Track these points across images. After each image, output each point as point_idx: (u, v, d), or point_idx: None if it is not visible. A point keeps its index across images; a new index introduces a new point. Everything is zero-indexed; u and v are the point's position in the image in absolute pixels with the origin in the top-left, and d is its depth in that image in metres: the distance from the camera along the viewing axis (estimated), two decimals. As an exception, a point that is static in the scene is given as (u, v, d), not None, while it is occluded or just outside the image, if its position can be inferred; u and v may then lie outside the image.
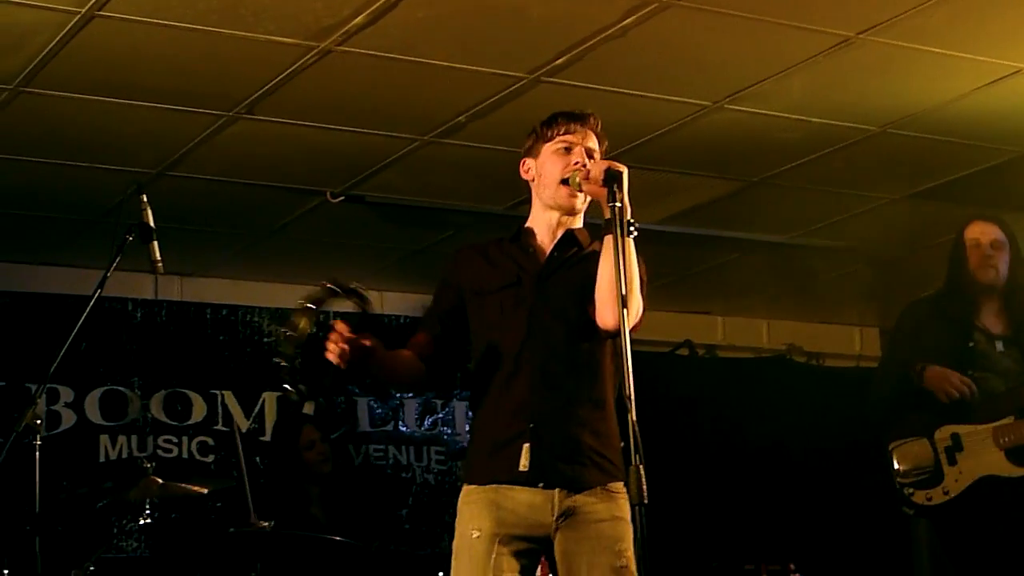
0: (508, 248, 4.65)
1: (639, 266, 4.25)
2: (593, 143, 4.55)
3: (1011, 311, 5.85)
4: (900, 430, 5.77)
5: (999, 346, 5.82)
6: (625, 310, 3.96)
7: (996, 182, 7.42)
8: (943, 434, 5.68)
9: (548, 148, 4.55)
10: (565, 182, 4.39)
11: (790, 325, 10.11)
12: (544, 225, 4.61)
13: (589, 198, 4.52)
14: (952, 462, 5.62)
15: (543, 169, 4.56)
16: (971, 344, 5.78)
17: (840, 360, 10.03)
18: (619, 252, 3.97)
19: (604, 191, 4.13)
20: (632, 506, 3.99)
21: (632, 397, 3.85)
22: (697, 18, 5.70)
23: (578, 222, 4.62)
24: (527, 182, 4.68)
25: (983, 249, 5.82)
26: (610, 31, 5.76)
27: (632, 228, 4.14)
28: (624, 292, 3.96)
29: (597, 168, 4.20)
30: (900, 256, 8.35)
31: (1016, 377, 5.76)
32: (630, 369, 3.90)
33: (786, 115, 6.74)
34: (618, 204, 4.07)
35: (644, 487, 3.88)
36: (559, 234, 4.59)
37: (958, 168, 7.42)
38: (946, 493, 5.63)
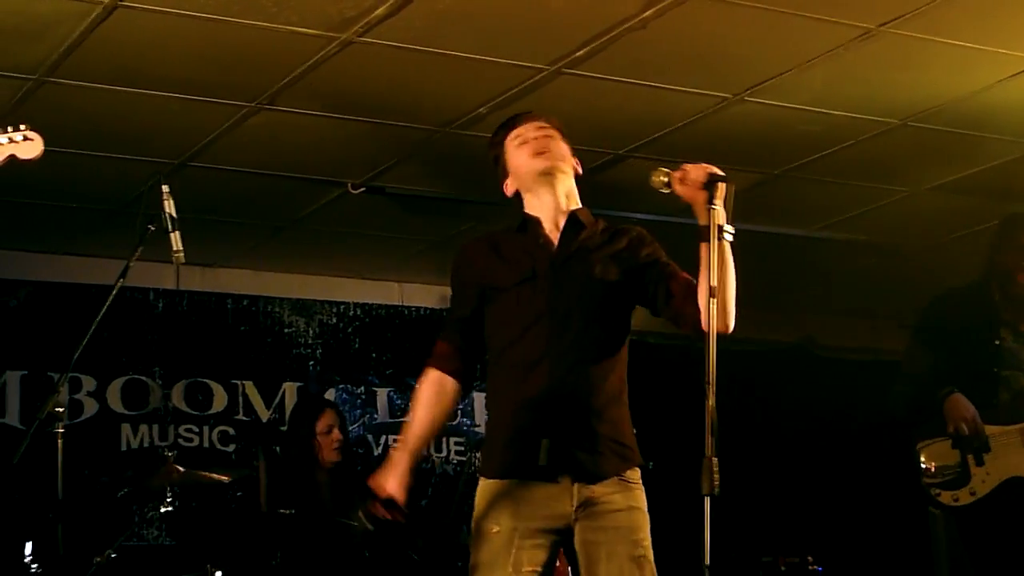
0: (517, 239, 4.65)
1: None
2: (542, 124, 4.61)
3: None
4: (928, 430, 5.75)
5: None
6: (718, 310, 4.05)
7: (1012, 177, 7.41)
8: None
9: (508, 146, 4.61)
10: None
11: (806, 318, 10.11)
12: (547, 212, 4.59)
13: (569, 168, 4.58)
14: (980, 463, 5.61)
15: (514, 164, 4.59)
16: (997, 342, 5.77)
17: (858, 354, 10.04)
18: (720, 260, 4.07)
19: (703, 195, 4.11)
20: (702, 495, 3.98)
21: (713, 384, 3.91)
22: (717, 10, 5.71)
23: (576, 200, 4.62)
24: (518, 198, 4.67)
25: None
26: (631, 23, 5.75)
27: (728, 233, 4.16)
28: (714, 293, 4.02)
29: (699, 171, 4.16)
30: (920, 249, 8.33)
31: None
32: (714, 365, 3.95)
33: (807, 108, 6.73)
34: (717, 207, 4.08)
35: (716, 479, 3.93)
36: (563, 220, 4.59)
37: (980, 161, 7.40)
38: (973, 494, 5.61)
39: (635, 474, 4.47)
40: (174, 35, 5.80)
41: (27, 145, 3.81)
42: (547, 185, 4.55)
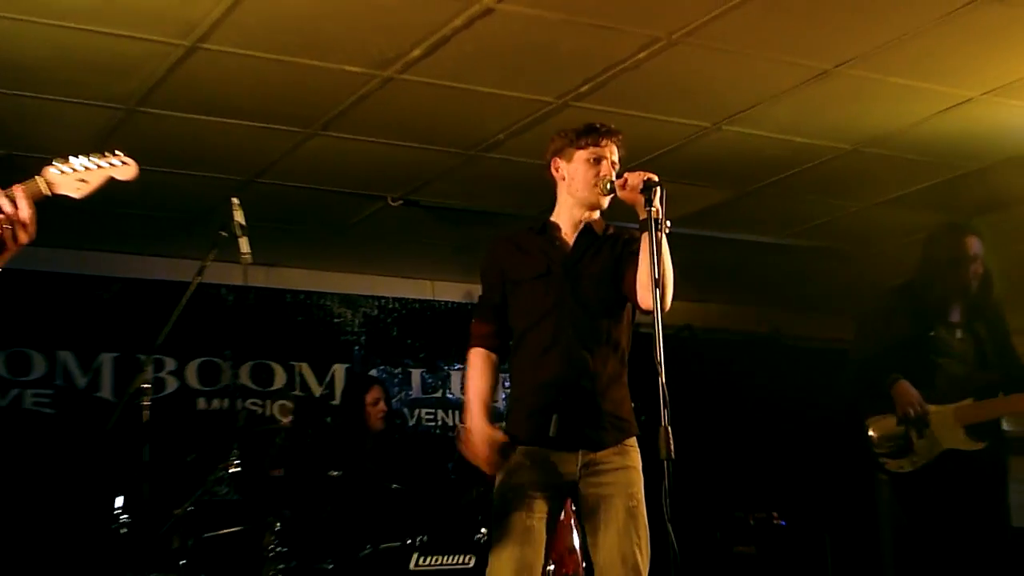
0: (536, 240, 4.65)
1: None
2: (616, 155, 4.55)
3: (971, 308, 5.81)
4: (874, 408, 5.74)
5: (958, 334, 5.78)
6: (659, 292, 3.98)
7: (950, 194, 7.40)
8: None
9: (581, 155, 4.54)
10: (598, 187, 4.44)
11: (775, 312, 10.08)
12: (568, 219, 4.62)
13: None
14: (921, 436, 5.61)
15: (575, 173, 4.55)
16: (932, 333, 5.75)
17: (818, 343, 10.01)
18: (656, 250, 4.02)
19: (641, 197, 4.14)
20: (659, 459, 3.99)
21: (662, 363, 3.90)
22: (699, 53, 5.71)
23: (596, 214, 4.62)
24: (554, 179, 4.66)
25: (977, 264, 5.76)
26: (626, 63, 5.78)
27: (666, 227, 4.18)
28: (658, 278, 3.99)
29: (636, 178, 4.20)
30: (870, 254, 8.32)
31: (972, 362, 5.73)
32: (661, 342, 3.93)
33: (774, 135, 6.73)
34: (654, 208, 4.08)
35: (671, 445, 3.95)
36: (580, 227, 4.60)
37: (919, 181, 7.39)
38: (914, 463, 5.62)
39: (632, 440, 4.51)
40: (244, 72, 5.82)
41: (123, 168, 3.83)
42: (586, 207, 4.59)
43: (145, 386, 6.25)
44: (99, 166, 3.74)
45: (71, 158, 3.71)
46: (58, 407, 8.07)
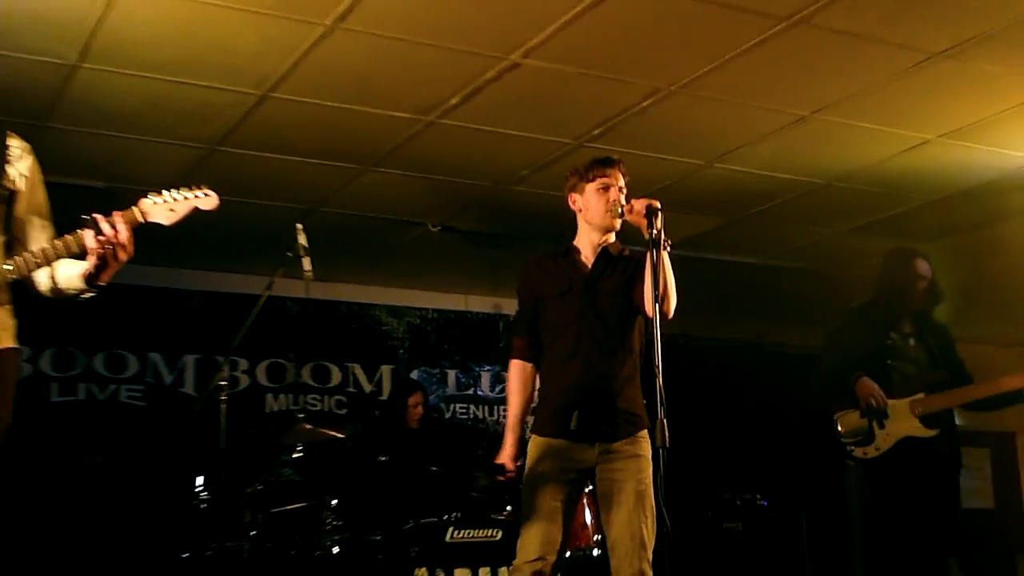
0: (560, 262, 4.66)
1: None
2: (621, 181, 4.56)
3: (920, 319, 5.82)
4: (841, 403, 5.73)
5: (911, 342, 5.79)
6: (658, 304, 4.01)
7: (910, 222, 7.38)
8: None
9: (591, 187, 4.56)
10: (610, 212, 4.45)
11: (759, 322, 10.05)
12: (587, 243, 4.63)
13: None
14: (881, 427, 5.60)
15: (588, 203, 4.57)
16: (888, 342, 5.76)
17: (796, 349, 9.97)
18: (656, 264, 4.04)
19: (644, 221, 4.16)
20: (655, 448, 4.06)
21: (660, 366, 3.93)
22: (695, 102, 5.73)
23: (612, 238, 4.63)
24: (573, 211, 4.67)
25: (925, 282, 5.77)
26: (633, 110, 5.81)
27: (667, 245, 4.21)
28: (660, 292, 4.02)
29: (640, 204, 4.22)
30: (842, 274, 8.30)
31: (923, 364, 5.73)
32: (660, 347, 3.96)
33: (758, 172, 6.73)
34: (655, 230, 4.10)
35: (667, 435, 3.95)
36: (598, 251, 4.61)
37: (885, 211, 7.37)
38: (877, 449, 5.61)
39: (643, 432, 4.51)
40: (308, 117, 5.87)
41: (206, 199, 3.84)
42: (601, 232, 4.60)
43: (222, 383, 6.26)
44: (185, 197, 3.76)
45: (163, 191, 3.73)
46: (148, 400, 8.10)
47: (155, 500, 7.43)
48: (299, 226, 5.80)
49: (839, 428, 5.73)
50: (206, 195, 3.79)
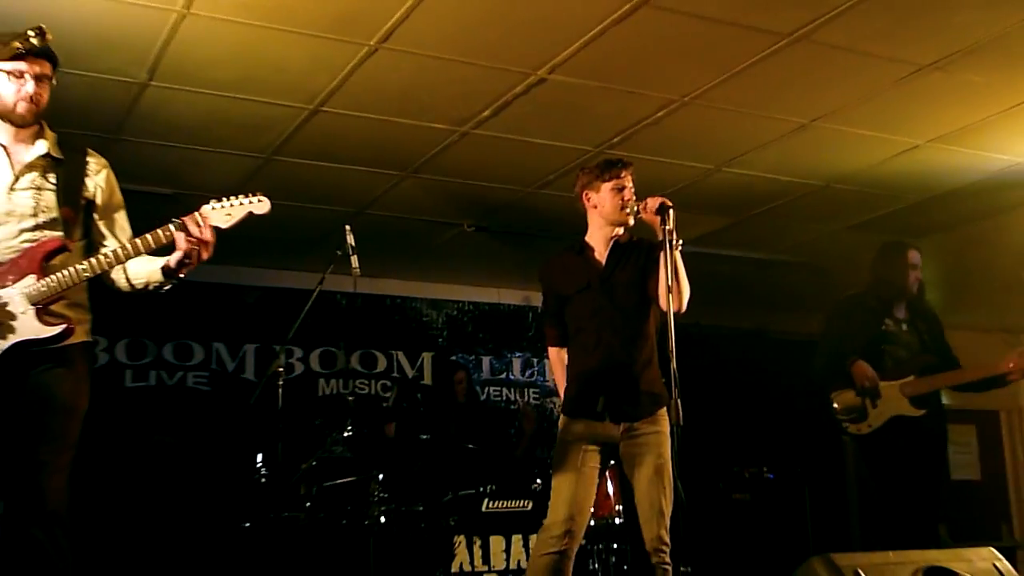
0: (576, 259, 4.65)
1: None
2: (631, 182, 4.54)
3: (912, 307, 5.77)
4: (838, 384, 5.69)
5: (904, 328, 5.73)
6: (672, 297, 4.04)
7: (903, 219, 7.34)
8: None
9: (606, 186, 4.54)
10: (626, 210, 4.45)
11: (763, 312, 10.03)
12: (600, 239, 4.61)
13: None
14: (874, 406, 5.57)
15: (604, 201, 4.55)
16: (883, 328, 5.71)
17: (797, 336, 9.94)
18: (669, 262, 4.06)
19: (657, 218, 4.16)
20: (671, 425, 4.12)
21: (674, 352, 3.94)
22: (706, 112, 5.74)
23: (621, 230, 4.61)
24: (587, 207, 4.65)
25: (916, 272, 5.73)
26: (648, 120, 5.81)
27: (679, 243, 4.20)
28: (671, 286, 4.03)
29: (654, 202, 4.21)
30: (839, 267, 8.26)
31: (915, 349, 5.69)
32: (674, 337, 3.97)
33: (763, 175, 6.71)
34: (668, 227, 4.10)
35: (680, 413, 3.96)
36: (610, 244, 4.59)
37: (879, 210, 7.34)
38: (870, 427, 5.58)
39: (663, 410, 4.49)
40: (355, 129, 5.90)
41: (259, 204, 3.86)
42: (613, 227, 4.58)
43: (279, 369, 6.29)
44: (241, 203, 3.78)
45: (221, 198, 3.75)
46: (213, 386, 8.14)
47: (220, 475, 7.47)
48: (347, 228, 5.82)
49: (835, 406, 5.69)
50: (259, 201, 3.81)
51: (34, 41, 3.49)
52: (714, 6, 4.72)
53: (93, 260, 3.67)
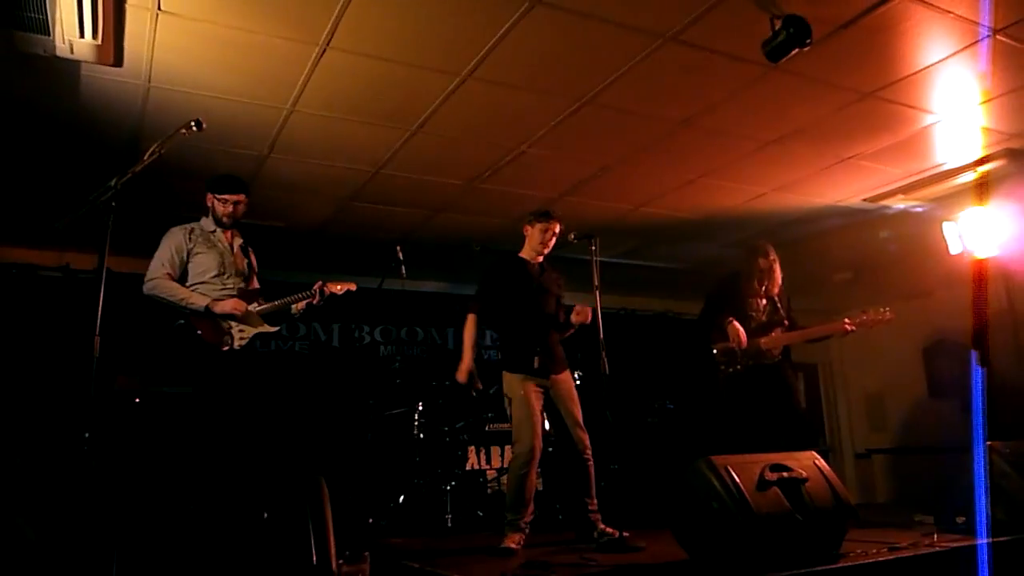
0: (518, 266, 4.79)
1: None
2: (557, 228, 4.69)
3: (769, 287, 5.53)
4: (716, 336, 5.47)
5: (762, 301, 5.52)
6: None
7: (756, 240, 7.32)
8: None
9: (538, 227, 4.71)
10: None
11: (666, 301, 10.01)
12: (530, 258, 4.77)
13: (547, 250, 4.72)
14: (742, 354, 5.34)
15: (534, 236, 4.73)
16: (749, 299, 5.49)
17: (689, 315, 9.90)
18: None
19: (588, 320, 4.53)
20: (603, 373, 4.24)
21: (601, 328, 3.99)
22: (629, 175, 5.65)
23: (541, 258, 4.75)
24: (523, 236, 4.77)
25: (769, 259, 5.50)
26: (591, 178, 5.71)
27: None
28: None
29: (586, 313, 4.54)
30: (713, 270, 8.23)
31: (771, 314, 5.48)
32: (601, 322, 4.08)
33: (666, 212, 6.61)
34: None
35: (606, 366, 4.02)
36: (537, 262, 4.75)
37: (740, 234, 7.21)
38: (737, 369, 5.32)
39: (568, 369, 4.67)
40: (402, 184, 5.78)
41: (351, 285, 4.56)
42: (537, 254, 4.71)
43: (355, 339, 6.30)
44: (346, 284, 4.70)
45: (338, 282, 4.67)
46: (312, 351, 8.00)
47: (316, 410, 7.43)
48: (399, 247, 5.84)
49: (714, 352, 5.45)
50: (351, 284, 4.28)
51: (195, 128, 3.44)
52: (633, 102, 4.67)
53: (283, 300, 4.47)
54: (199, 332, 4.12)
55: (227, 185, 4.33)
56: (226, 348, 4.18)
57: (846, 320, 5.21)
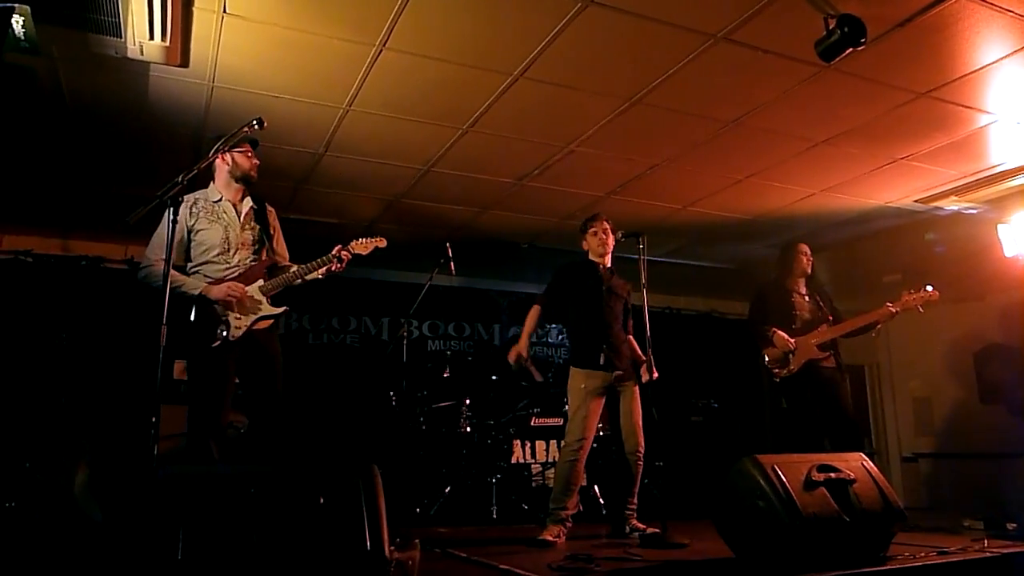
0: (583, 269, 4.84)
1: None
2: (607, 227, 4.71)
3: (809, 284, 5.54)
4: (764, 343, 5.45)
5: (805, 298, 5.48)
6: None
7: (803, 242, 7.20)
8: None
9: (589, 232, 4.77)
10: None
11: (711, 300, 9.94)
12: (599, 261, 4.78)
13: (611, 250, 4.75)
14: (793, 355, 5.32)
15: (591, 242, 4.77)
16: (792, 299, 5.47)
17: (736, 315, 9.86)
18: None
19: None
20: (644, 381, 4.28)
21: (648, 325, 3.98)
22: (677, 173, 5.64)
23: (608, 261, 4.75)
24: (581, 244, 4.85)
25: (808, 257, 5.51)
26: (640, 176, 5.72)
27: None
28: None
29: (652, 375, 4.56)
30: (758, 271, 8.15)
31: (815, 312, 5.44)
32: (648, 319, 4.01)
33: (714, 212, 6.60)
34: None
35: (655, 374, 4.01)
36: (602, 265, 4.76)
37: (786, 235, 7.08)
38: (790, 371, 5.31)
39: (636, 367, 4.63)
40: (451, 180, 5.82)
41: (382, 241, 4.16)
42: (601, 255, 4.74)
43: (404, 334, 6.36)
44: (372, 240, 4.05)
45: (361, 237, 4.05)
46: (362, 344, 8.16)
47: (366, 402, 7.54)
48: (448, 244, 5.87)
49: (765, 359, 5.44)
50: (381, 239, 4.09)
51: (256, 127, 3.55)
52: (683, 101, 4.65)
53: (294, 270, 3.89)
54: (198, 325, 3.67)
55: (245, 138, 3.78)
56: (217, 343, 3.67)
57: (889, 303, 5.12)
